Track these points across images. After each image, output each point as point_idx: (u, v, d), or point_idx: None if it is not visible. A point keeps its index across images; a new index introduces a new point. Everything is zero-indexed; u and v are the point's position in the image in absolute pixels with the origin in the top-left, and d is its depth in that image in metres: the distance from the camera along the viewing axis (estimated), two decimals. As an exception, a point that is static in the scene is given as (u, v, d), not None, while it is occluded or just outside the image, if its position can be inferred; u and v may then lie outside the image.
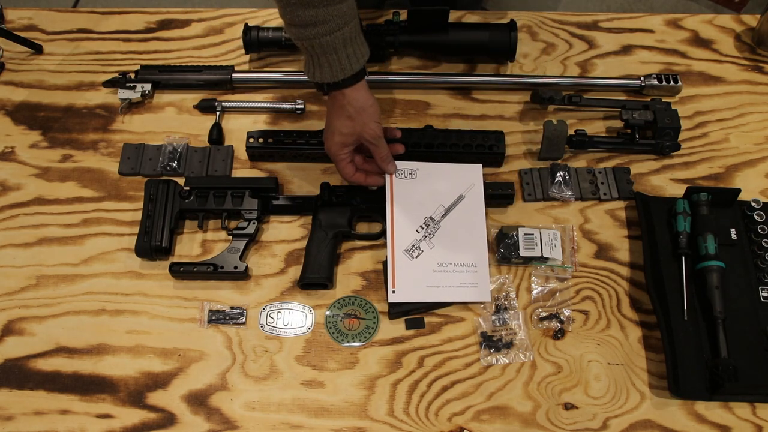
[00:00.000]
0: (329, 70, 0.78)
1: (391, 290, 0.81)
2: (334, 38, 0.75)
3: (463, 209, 0.86)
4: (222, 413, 0.79)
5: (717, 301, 0.80)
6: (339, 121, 0.83)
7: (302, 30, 0.75)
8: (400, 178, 0.87)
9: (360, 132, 0.83)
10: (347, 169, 0.86)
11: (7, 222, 0.91)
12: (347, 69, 0.78)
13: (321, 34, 0.75)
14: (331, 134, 0.84)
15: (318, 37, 0.75)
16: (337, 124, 0.83)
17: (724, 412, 0.79)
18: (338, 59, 0.77)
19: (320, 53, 0.77)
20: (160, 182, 0.89)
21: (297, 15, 0.73)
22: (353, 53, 0.78)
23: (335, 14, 0.74)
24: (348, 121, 0.82)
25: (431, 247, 0.83)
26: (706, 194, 0.86)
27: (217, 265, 0.84)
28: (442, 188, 0.87)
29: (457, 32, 0.99)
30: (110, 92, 1.00)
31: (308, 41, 0.75)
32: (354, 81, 0.80)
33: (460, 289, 0.82)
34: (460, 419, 0.78)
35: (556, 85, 1.00)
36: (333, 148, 0.85)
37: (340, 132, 0.83)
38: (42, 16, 1.08)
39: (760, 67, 1.04)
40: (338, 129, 0.83)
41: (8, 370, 0.81)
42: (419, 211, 0.85)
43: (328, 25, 0.74)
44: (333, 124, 0.83)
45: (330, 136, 0.84)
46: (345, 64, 0.78)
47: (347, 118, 0.82)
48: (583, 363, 0.81)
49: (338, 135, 0.83)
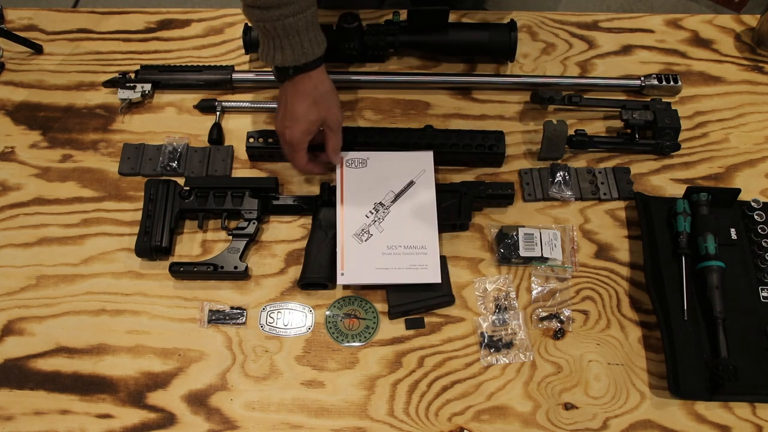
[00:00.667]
0: (291, 54, 0.77)
1: (340, 272, 0.82)
2: (298, 20, 0.75)
3: (414, 194, 0.87)
4: (222, 413, 0.79)
5: (717, 301, 0.80)
6: (303, 106, 0.80)
7: (264, 12, 0.74)
8: (350, 167, 0.88)
9: (325, 117, 0.82)
10: (304, 158, 0.85)
11: (7, 222, 0.91)
12: (309, 53, 0.78)
13: (285, 15, 0.74)
14: (294, 122, 0.81)
15: (281, 19, 0.74)
16: (302, 110, 0.81)
17: (724, 412, 0.79)
18: (301, 42, 0.76)
19: (282, 35, 0.75)
20: (160, 182, 0.89)
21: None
22: (315, 38, 0.78)
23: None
24: (314, 106, 0.80)
25: (380, 231, 0.84)
26: (706, 194, 0.86)
27: (217, 265, 0.84)
28: (392, 175, 0.88)
29: (457, 32, 0.99)
30: (110, 92, 1.00)
31: (271, 23, 0.74)
32: (318, 64, 0.80)
33: (410, 271, 0.82)
34: (460, 419, 0.78)
35: (556, 85, 1.00)
36: (297, 136, 0.82)
37: (306, 119, 0.81)
38: (42, 16, 1.08)
39: (760, 67, 1.04)
40: (304, 115, 0.81)
41: (8, 370, 0.81)
42: (369, 198, 0.86)
43: (292, 6, 0.74)
44: (296, 110, 0.81)
45: (293, 123, 0.81)
46: (307, 48, 0.77)
47: (313, 104, 0.80)
48: (583, 363, 0.81)
49: (304, 122, 0.81)
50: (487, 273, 0.87)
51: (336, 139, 0.85)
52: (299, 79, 0.80)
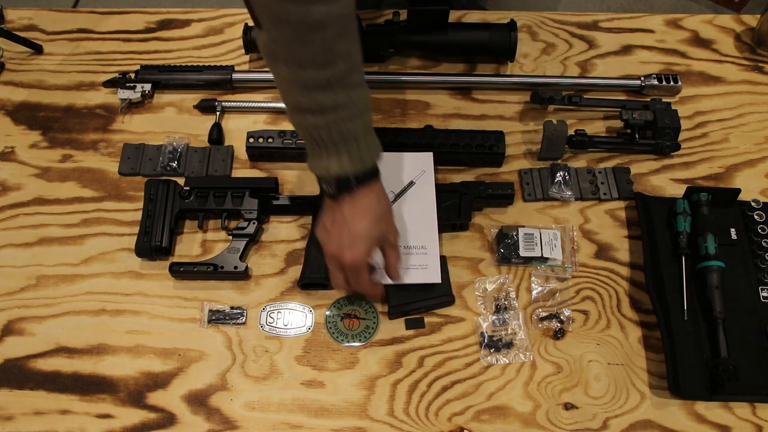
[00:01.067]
0: (349, 161, 0.68)
1: None
2: (356, 125, 0.67)
3: (414, 195, 0.86)
4: (222, 413, 0.79)
5: (717, 301, 0.80)
6: (366, 224, 0.71)
7: (320, 117, 0.66)
8: None
9: (386, 233, 0.74)
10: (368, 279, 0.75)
11: (7, 222, 0.91)
12: (368, 159, 0.70)
13: (343, 119, 0.66)
14: (357, 242, 0.71)
15: (339, 123, 0.66)
16: (365, 229, 0.71)
17: (724, 412, 0.79)
18: (359, 148, 0.68)
19: (339, 141, 0.67)
20: (160, 182, 0.89)
21: (316, 100, 0.65)
22: (373, 143, 0.71)
23: (357, 99, 0.67)
24: (377, 223, 0.72)
25: None
26: (706, 194, 0.86)
27: (217, 265, 0.84)
28: (392, 175, 0.88)
29: (457, 32, 0.99)
30: (110, 92, 1.00)
31: (326, 129, 0.66)
32: (374, 176, 0.72)
33: (410, 271, 0.82)
34: (460, 419, 0.78)
35: (556, 85, 1.00)
36: (362, 259, 0.72)
37: (369, 237, 0.71)
38: (42, 16, 1.08)
39: (760, 67, 1.04)
40: (368, 234, 0.71)
41: (8, 370, 0.81)
42: None
43: (350, 110, 0.67)
44: (359, 229, 0.71)
45: (356, 244, 0.71)
46: (366, 153, 0.69)
47: (376, 220, 0.72)
48: (583, 363, 0.81)
49: (367, 241, 0.71)
50: (487, 273, 0.87)
51: (396, 256, 0.77)
52: (360, 193, 0.70)
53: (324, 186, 0.72)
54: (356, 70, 0.68)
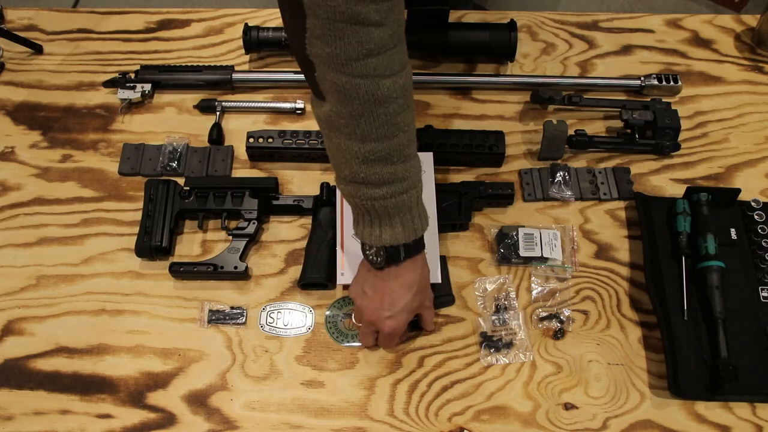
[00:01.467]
0: (402, 231, 0.67)
1: (340, 272, 0.82)
2: (411, 196, 0.67)
3: None
4: (222, 413, 0.79)
5: (717, 301, 0.80)
6: (409, 296, 0.72)
7: (377, 189, 0.65)
8: None
9: (424, 301, 0.76)
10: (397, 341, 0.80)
11: (7, 222, 0.91)
12: (419, 230, 0.69)
13: (399, 191, 0.66)
14: (399, 313, 0.73)
15: (396, 195, 0.66)
16: (408, 302, 0.72)
17: (724, 412, 0.79)
18: (411, 218, 0.68)
19: (394, 213, 0.67)
20: (160, 182, 0.89)
21: (375, 173, 0.64)
22: (424, 214, 0.70)
23: (413, 171, 0.67)
24: (417, 294, 0.73)
25: None
26: (706, 194, 0.86)
27: (217, 265, 0.84)
28: None
29: (457, 32, 0.99)
30: (110, 92, 1.00)
31: (382, 201, 0.65)
32: (423, 245, 0.71)
33: None
34: (460, 419, 0.78)
35: (556, 85, 1.00)
36: (401, 327, 0.74)
37: (410, 308, 0.73)
38: (42, 16, 1.08)
39: (760, 67, 1.04)
40: (410, 306, 0.73)
41: (8, 370, 0.81)
42: None
43: (407, 182, 0.66)
44: (400, 300, 0.72)
45: (397, 314, 0.73)
46: (418, 225, 0.69)
47: (416, 292, 0.72)
48: (583, 363, 0.81)
49: (409, 312, 0.74)
50: (487, 273, 0.87)
51: (432, 314, 0.80)
52: (406, 266, 0.70)
53: (369, 253, 0.71)
54: (413, 141, 0.68)
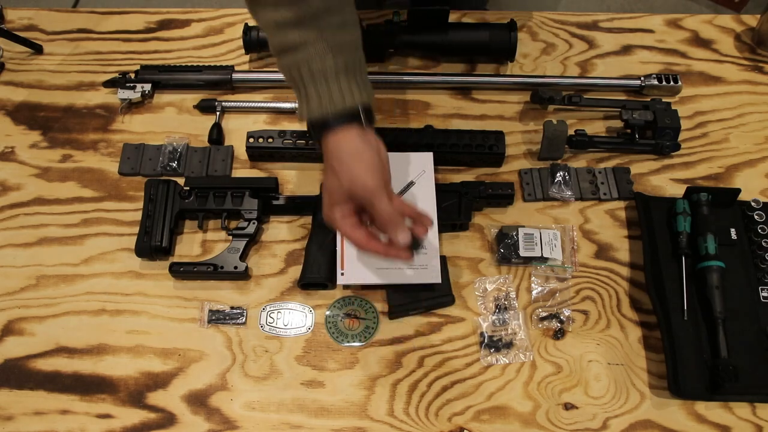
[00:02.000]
0: (317, 102, 0.65)
1: (340, 272, 0.81)
2: (326, 64, 0.64)
3: (414, 194, 0.86)
4: (222, 413, 0.79)
5: (717, 301, 0.80)
6: (326, 175, 0.69)
7: (290, 56, 0.64)
8: None
9: (348, 187, 0.66)
10: (354, 233, 0.69)
11: (7, 222, 0.91)
12: (338, 102, 0.65)
13: (311, 57, 0.64)
14: (322, 197, 0.70)
15: (307, 62, 0.64)
16: (326, 181, 0.69)
17: (724, 412, 0.79)
18: (329, 90, 0.64)
19: (308, 81, 0.65)
20: (160, 182, 0.89)
21: (287, 37, 0.64)
22: (349, 88, 0.65)
23: (330, 38, 0.64)
24: (333, 174, 0.67)
25: None
26: (706, 194, 0.86)
27: (217, 265, 0.84)
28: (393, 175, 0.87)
29: (457, 32, 0.99)
30: (110, 92, 1.00)
31: (296, 68, 0.64)
32: (345, 121, 0.66)
33: (410, 271, 0.82)
34: (460, 419, 0.78)
35: (556, 85, 1.00)
36: (326, 212, 0.70)
37: (327, 189, 0.69)
38: (42, 16, 1.08)
39: (760, 67, 1.04)
40: (327, 186, 0.69)
41: (8, 370, 0.81)
42: None
43: (319, 47, 0.63)
44: (323, 181, 0.70)
45: (322, 200, 0.70)
46: (337, 96, 0.65)
47: (332, 171, 0.67)
48: (583, 363, 0.81)
49: (327, 194, 0.69)
50: (487, 273, 0.87)
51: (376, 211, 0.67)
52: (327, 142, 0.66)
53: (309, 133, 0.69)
54: (336, 12, 0.65)
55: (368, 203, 0.67)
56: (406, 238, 0.68)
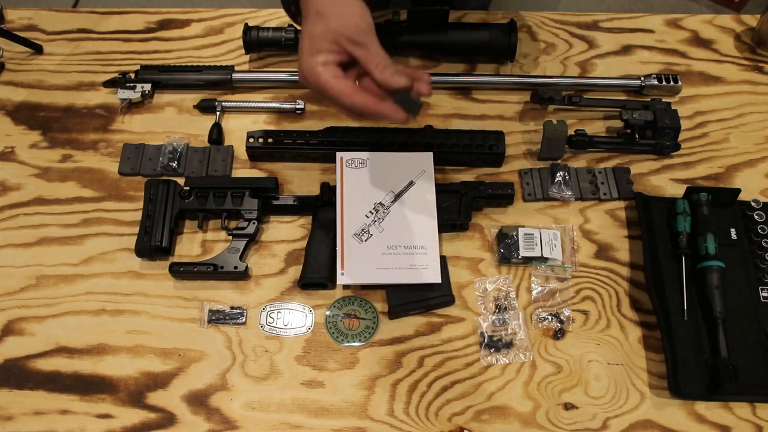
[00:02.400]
0: None
1: (340, 272, 0.82)
2: None
3: (414, 194, 0.86)
4: (222, 413, 0.79)
5: (717, 301, 0.80)
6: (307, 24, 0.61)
7: None
8: (350, 167, 0.88)
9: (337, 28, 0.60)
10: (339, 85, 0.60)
11: (7, 222, 0.91)
12: None
13: None
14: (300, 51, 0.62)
15: None
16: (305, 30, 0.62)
17: (724, 412, 0.79)
18: None
19: None
20: (160, 182, 0.89)
21: None
22: None
23: None
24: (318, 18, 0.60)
25: (381, 231, 0.84)
26: (706, 194, 0.86)
27: (217, 265, 0.84)
28: (393, 175, 0.88)
29: (457, 32, 0.99)
30: (110, 92, 1.00)
31: None
32: None
33: (410, 271, 0.82)
34: (460, 419, 0.78)
35: (556, 85, 1.00)
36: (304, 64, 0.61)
37: (309, 35, 0.61)
38: (42, 16, 1.08)
39: (760, 67, 1.04)
40: (307, 33, 0.61)
41: (8, 370, 0.81)
42: (369, 198, 0.86)
43: None
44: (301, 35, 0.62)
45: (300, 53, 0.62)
46: None
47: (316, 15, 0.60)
48: (583, 363, 0.81)
49: (307, 41, 0.61)
50: (487, 273, 0.87)
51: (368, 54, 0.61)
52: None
53: None
54: None
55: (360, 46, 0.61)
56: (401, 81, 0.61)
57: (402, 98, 0.61)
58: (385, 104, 0.61)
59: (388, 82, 0.60)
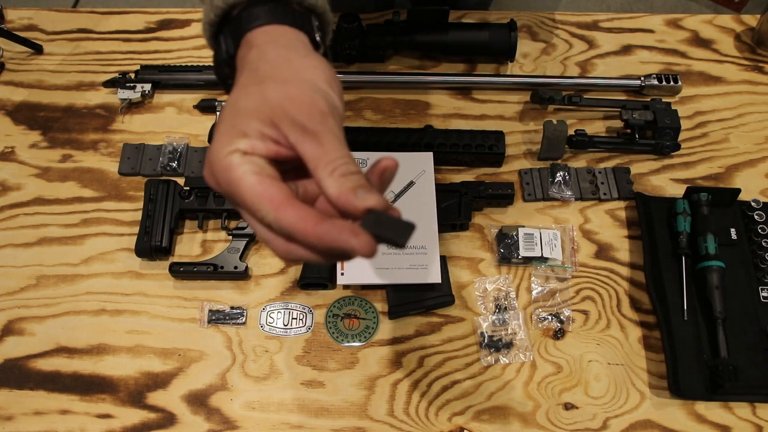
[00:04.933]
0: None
1: (340, 272, 0.82)
2: None
3: (414, 195, 0.86)
4: (222, 413, 0.79)
5: (717, 301, 0.80)
6: (233, 94, 0.44)
7: None
8: None
9: (278, 102, 0.40)
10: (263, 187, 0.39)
11: (7, 222, 0.90)
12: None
13: None
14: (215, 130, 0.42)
15: None
16: (230, 101, 0.43)
17: (724, 412, 0.79)
18: None
19: None
20: (160, 182, 0.89)
21: None
22: None
23: None
24: (252, 82, 0.42)
25: None
26: (706, 194, 0.86)
27: (217, 265, 0.84)
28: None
29: (457, 32, 0.99)
30: (110, 92, 1.00)
31: None
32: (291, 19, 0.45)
33: (410, 271, 0.82)
34: (460, 419, 0.78)
35: (556, 85, 1.00)
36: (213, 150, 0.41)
37: (233, 109, 0.42)
38: (42, 16, 1.08)
39: (760, 67, 1.04)
40: (230, 104, 0.43)
41: (8, 370, 0.81)
42: None
43: None
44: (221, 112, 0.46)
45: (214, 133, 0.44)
46: None
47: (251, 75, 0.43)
48: (583, 363, 0.81)
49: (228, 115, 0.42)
50: (487, 273, 0.87)
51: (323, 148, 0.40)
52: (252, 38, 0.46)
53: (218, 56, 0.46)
54: None
55: (311, 136, 0.39)
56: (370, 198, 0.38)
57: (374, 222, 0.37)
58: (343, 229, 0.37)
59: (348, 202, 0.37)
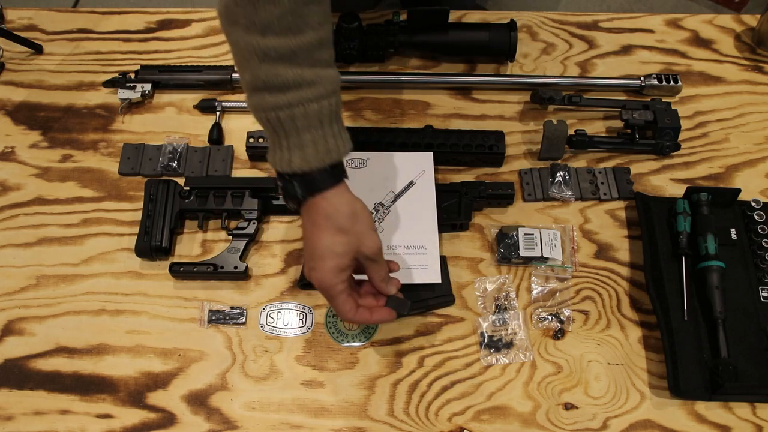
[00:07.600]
0: (314, 151, 0.58)
1: None
2: (322, 107, 0.58)
3: (414, 195, 0.87)
4: (222, 413, 0.79)
5: (717, 301, 0.80)
6: (327, 237, 0.62)
7: (281, 95, 0.57)
8: (350, 167, 0.88)
9: (357, 247, 0.63)
10: (347, 304, 0.66)
11: (7, 222, 0.91)
12: (335, 150, 0.60)
13: (308, 99, 0.57)
14: (319, 259, 0.63)
15: (304, 104, 0.57)
16: (326, 243, 0.62)
17: (724, 412, 0.79)
18: (324, 136, 0.59)
19: (303, 128, 0.58)
20: (160, 182, 0.89)
21: (277, 74, 0.56)
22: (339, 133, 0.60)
23: (326, 79, 0.58)
24: (340, 235, 0.62)
25: (380, 231, 0.84)
26: (706, 194, 0.86)
27: (217, 265, 0.85)
28: (392, 175, 0.88)
29: (457, 32, 0.99)
30: (110, 92, 1.00)
31: (287, 110, 0.57)
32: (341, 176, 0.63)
33: (410, 271, 0.82)
34: (460, 419, 0.78)
35: (556, 85, 1.00)
36: (327, 279, 0.63)
37: (332, 252, 0.62)
38: (42, 16, 1.08)
39: (760, 67, 1.04)
40: (329, 249, 0.62)
41: (8, 370, 0.81)
42: (369, 198, 0.86)
43: (317, 88, 0.57)
44: (319, 243, 0.63)
45: (318, 263, 0.63)
46: (333, 143, 0.59)
47: (338, 232, 0.62)
48: (583, 363, 0.81)
49: (331, 257, 0.63)
50: (487, 273, 0.87)
51: (378, 269, 0.67)
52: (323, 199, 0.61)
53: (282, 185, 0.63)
54: (326, 45, 0.59)
55: (374, 262, 0.66)
56: (393, 288, 0.70)
57: (394, 300, 0.71)
58: (377, 312, 0.68)
59: (385, 291, 0.69)
